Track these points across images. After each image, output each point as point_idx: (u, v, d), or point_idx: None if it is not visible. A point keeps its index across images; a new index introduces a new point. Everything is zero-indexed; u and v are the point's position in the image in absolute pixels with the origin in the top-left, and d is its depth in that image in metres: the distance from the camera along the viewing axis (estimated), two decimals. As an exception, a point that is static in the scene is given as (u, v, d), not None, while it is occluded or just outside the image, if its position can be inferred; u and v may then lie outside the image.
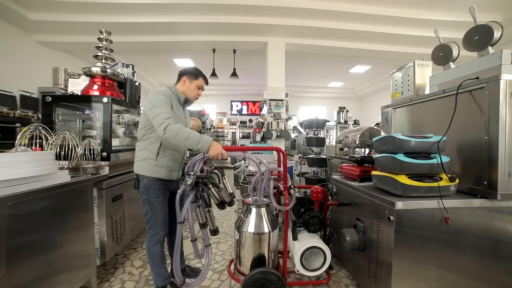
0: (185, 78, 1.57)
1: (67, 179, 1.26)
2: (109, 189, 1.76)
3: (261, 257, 1.47)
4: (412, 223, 1.25)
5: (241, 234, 1.48)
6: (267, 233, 1.46)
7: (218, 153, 1.31)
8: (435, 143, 1.33)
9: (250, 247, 1.46)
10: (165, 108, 1.36)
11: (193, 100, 1.64)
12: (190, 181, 1.24)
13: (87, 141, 1.61)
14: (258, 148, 1.96)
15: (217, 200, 1.32)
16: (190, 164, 1.32)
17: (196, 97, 1.63)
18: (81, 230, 1.42)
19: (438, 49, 1.73)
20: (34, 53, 4.54)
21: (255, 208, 1.51)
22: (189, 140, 1.29)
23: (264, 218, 1.50)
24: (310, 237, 1.63)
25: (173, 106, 1.47)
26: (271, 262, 1.50)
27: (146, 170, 1.43)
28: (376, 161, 1.60)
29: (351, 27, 4.29)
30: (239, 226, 1.52)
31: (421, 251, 1.25)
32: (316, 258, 1.57)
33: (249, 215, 1.51)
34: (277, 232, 1.56)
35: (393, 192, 1.39)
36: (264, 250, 1.47)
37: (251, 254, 1.46)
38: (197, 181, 1.27)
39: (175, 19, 4.14)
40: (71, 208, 1.34)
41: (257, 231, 1.46)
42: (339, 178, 2.05)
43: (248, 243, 1.46)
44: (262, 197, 1.61)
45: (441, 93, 1.58)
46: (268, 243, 1.47)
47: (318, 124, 2.43)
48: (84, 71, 1.79)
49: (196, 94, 1.61)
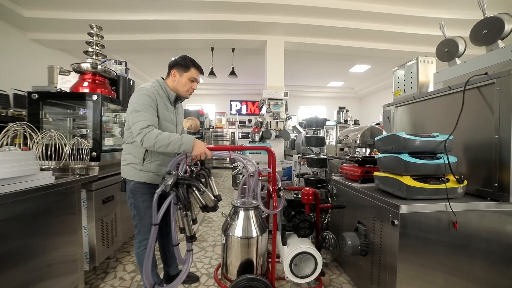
0: (174, 71, 1.36)
1: (50, 181, 1.18)
2: (99, 190, 1.68)
3: (249, 262, 1.38)
4: (417, 227, 1.18)
5: (227, 238, 1.39)
6: (255, 237, 1.37)
7: (201, 152, 1.22)
8: (442, 142, 1.25)
9: (237, 252, 1.37)
10: (144, 115, 1.22)
11: (187, 95, 1.43)
12: (170, 181, 1.15)
13: (75, 140, 1.53)
14: (245, 148, 1.85)
15: (200, 203, 1.23)
16: (172, 163, 1.23)
17: (190, 92, 1.41)
18: (67, 234, 1.34)
19: (443, 44, 1.66)
20: (29, 52, 4.46)
21: (242, 211, 1.42)
22: (170, 145, 1.18)
23: (252, 222, 1.41)
24: (300, 242, 1.52)
25: (158, 106, 1.31)
26: (259, 267, 1.41)
27: (132, 174, 1.32)
28: (379, 161, 1.53)
29: (351, 25, 4.23)
30: (226, 229, 1.43)
31: (427, 257, 1.18)
32: (306, 264, 1.48)
33: (237, 218, 1.42)
34: (266, 236, 1.47)
35: (397, 194, 1.32)
36: (252, 255, 1.38)
37: (238, 259, 1.37)
38: (177, 182, 1.18)
39: (172, 17, 4.07)
40: (56, 211, 1.26)
41: (245, 235, 1.36)
42: (340, 179, 1.97)
43: (235, 247, 1.37)
44: (250, 199, 1.52)
45: (446, 90, 1.50)
46: (256, 248, 1.38)
47: (317, 123, 2.35)
48: (73, 67, 1.72)
49: (188, 89, 1.39)
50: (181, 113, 1.58)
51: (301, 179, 2.77)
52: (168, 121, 1.39)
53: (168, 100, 1.40)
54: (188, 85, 1.39)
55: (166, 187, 1.15)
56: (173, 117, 1.43)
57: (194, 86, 1.41)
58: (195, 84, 1.42)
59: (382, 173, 1.47)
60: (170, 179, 1.16)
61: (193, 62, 1.39)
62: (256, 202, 1.47)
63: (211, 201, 1.25)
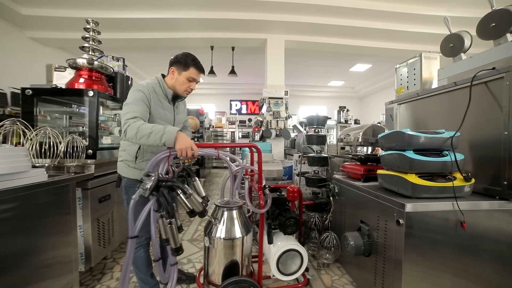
0: (173, 69, 1.32)
1: (42, 178, 1.14)
2: (95, 189, 1.64)
3: (234, 264, 1.30)
4: (423, 227, 1.13)
5: (211, 240, 1.29)
6: (240, 238, 1.29)
7: (186, 147, 1.06)
8: (449, 139, 1.21)
9: (221, 254, 1.28)
10: (133, 107, 1.18)
11: (184, 95, 1.38)
12: (149, 185, 0.97)
13: (71, 138, 1.49)
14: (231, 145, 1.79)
15: (187, 208, 1.07)
16: (151, 163, 1.05)
17: (187, 92, 1.36)
18: (61, 234, 1.30)
19: (448, 40, 1.62)
20: (27, 50, 4.42)
21: (226, 211, 1.33)
22: (151, 136, 1.07)
23: (237, 222, 1.32)
24: (286, 239, 1.53)
25: (152, 103, 1.26)
26: (244, 269, 1.34)
27: (125, 171, 1.31)
28: (382, 159, 1.49)
29: (352, 23, 4.19)
30: (209, 231, 1.31)
31: (434, 258, 1.14)
32: (293, 261, 1.49)
33: (220, 218, 1.32)
34: (251, 237, 1.40)
35: (401, 192, 1.28)
36: (237, 257, 1.30)
37: (222, 262, 1.28)
38: (158, 185, 1.00)
39: (172, 15, 4.03)
40: (49, 210, 1.22)
41: (229, 236, 1.27)
42: (342, 178, 1.93)
43: (219, 250, 1.28)
44: (234, 199, 1.44)
45: (452, 85, 1.46)
46: (242, 249, 1.31)
47: (319, 121, 2.31)
48: (69, 63, 1.67)
49: (186, 88, 1.34)
50: (182, 111, 1.51)
51: (302, 178, 2.73)
52: (163, 119, 1.34)
53: (165, 97, 1.35)
54: (186, 84, 1.33)
55: (145, 191, 0.97)
56: (169, 115, 1.38)
57: (192, 86, 1.36)
58: (194, 84, 1.36)
59: (386, 171, 1.43)
60: (149, 182, 0.98)
61: (194, 61, 1.32)
62: (240, 202, 1.39)
63: (199, 205, 1.10)
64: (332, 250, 1.93)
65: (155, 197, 1.02)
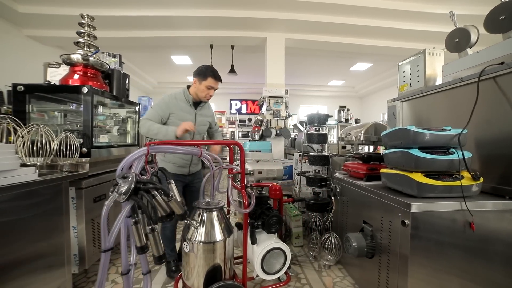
0: (195, 80, 1.65)
1: (32, 177, 1.09)
2: (89, 188, 1.59)
3: (216, 268, 1.22)
4: (430, 228, 1.09)
5: (189, 245, 1.19)
6: (221, 241, 1.21)
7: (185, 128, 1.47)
8: (456, 136, 1.17)
9: (202, 260, 1.18)
10: (149, 111, 1.61)
11: (205, 100, 1.69)
12: (125, 188, 0.84)
13: (64, 135, 1.44)
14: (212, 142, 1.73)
15: (164, 212, 0.95)
16: (125, 162, 0.92)
17: (207, 98, 1.68)
18: (53, 236, 1.25)
19: (453, 34, 1.57)
20: (25, 49, 4.38)
21: (206, 213, 1.23)
22: (158, 135, 1.50)
23: (217, 224, 1.23)
24: (268, 238, 1.50)
25: (173, 108, 1.62)
26: (227, 272, 1.27)
27: (161, 164, 1.61)
28: (386, 157, 1.44)
29: (353, 21, 4.14)
30: (187, 235, 1.20)
31: (441, 260, 1.09)
32: (277, 260, 1.47)
33: (199, 221, 1.22)
34: (233, 238, 1.34)
35: (406, 192, 1.23)
36: (220, 260, 1.22)
37: (204, 267, 1.19)
38: (137, 188, 0.88)
39: (170, 13, 3.99)
40: (39, 211, 1.17)
41: (210, 240, 1.18)
42: (343, 177, 1.88)
43: (199, 255, 1.18)
44: (214, 199, 1.36)
45: (458, 81, 1.41)
46: (224, 252, 1.23)
47: (320, 119, 2.26)
48: (63, 58, 1.63)
49: (206, 95, 1.66)
50: (205, 114, 1.80)
51: (302, 178, 2.68)
52: (182, 120, 1.62)
53: (187, 102, 1.68)
54: (205, 92, 1.65)
55: (121, 196, 0.83)
56: (189, 117, 1.68)
57: (211, 92, 1.67)
58: (212, 91, 1.67)
59: (389, 170, 1.38)
60: (125, 185, 0.84)
61: (213, 73, 1.63)
62: (220, 202, 1.31)
63: (179, 208, 0.99)
64: (333, 251, 1.88)
65: (132, 202, 0.87)
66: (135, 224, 0.88)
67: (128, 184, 0.85)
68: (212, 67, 1.65)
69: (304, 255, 2.08)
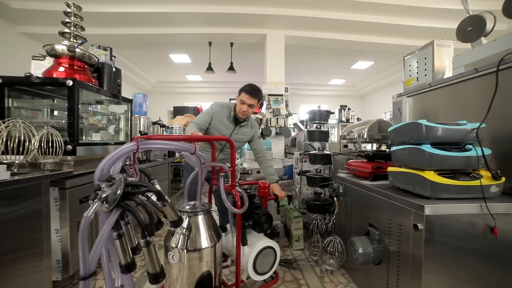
0: (237, 96, 1.73)
1: (3, 177, 0.99)
2: (75, 188, 1.48)
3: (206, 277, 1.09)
4: (446, 233, 0.98)
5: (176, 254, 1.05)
6: (210, 247, 1.08)
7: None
8: (473, 131, 1.06)
9: (190, 269, 1.04)
10: (200, 115, 1.73)
11: (239, 115, 1.72)
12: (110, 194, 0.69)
13: (45, 131, 1.33)
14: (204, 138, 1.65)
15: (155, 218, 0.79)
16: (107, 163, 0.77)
17: (241, 112, 1.69)
18: (29, 242, 1.14)
19: (466, 23, 1.46)
20: (19, 46, 4.28)
21: (192, 217, 1.09)
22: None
23: (205, 229, 1.10)
24: (257, 237, 1.43)
25: (214, 118, 1.70)
26: (217, 278, 1.15)
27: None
28: (393, 155, 1.33)
29: (354, 17, 4.04)
30: (172, 243, 1.06)
31: (460, 268, 0.98)
32: (267, 259, 1.41)
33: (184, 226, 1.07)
34: (222, 243, 1.22)
35: (417, 192, 1.12)
36: (209, 268, 1.08)
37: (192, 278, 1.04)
38: (126, 193, 0.72)
39: (168, 9, 3.89)
40: (12, 215, 1.05)
41: (200, 246, 1.05)
42: (346, 176, 1.77)
43: (188, 264, 1.04)
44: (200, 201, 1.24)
45: (471, 72, 1.31)
46: (215, 258, 1.11)
47: (321, 115, 2.15)
48: (47, 49, 1.52)
49: (239, 109, 1.70)
50: (242, 133, 1.79)
51: (303, 178, 2.57)
52: (218, 132, 1.71)
53: (229, 117, 1.74)
54: (239, 106, 1.70)
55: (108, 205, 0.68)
56: (226, 132, 1.72)
57: (244, 107, 1.68)
58: (245, 106, 1.68)
59: (398, 168, 1.27)
60: (110, 189, 0.69)
61: (245, 87, 1.71)
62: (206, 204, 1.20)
63: (174, 214, 0.85)
64: (336, 256, 1.77)
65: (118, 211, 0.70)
66: (119, 238, 0.73)
67: (115, 189, 0.68)
68: (250, 84, 1.73)
69: (305, 259, 1.97)
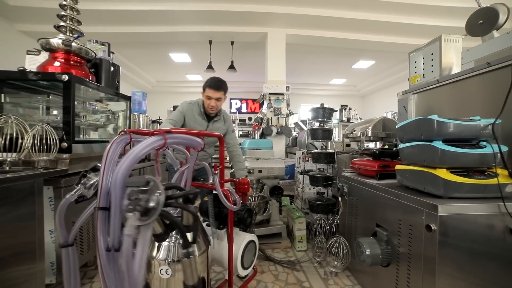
0: (202, 91, 1.68)
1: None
2: (70, 187, 1.42)
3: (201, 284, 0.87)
4: (462, 235, 0.92)
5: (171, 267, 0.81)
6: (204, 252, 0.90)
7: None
8: (488, 127, 1.00)
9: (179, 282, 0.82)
10: (174, 113, 1.70)
11: (210, 111, 1.69)
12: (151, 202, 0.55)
13: (39, 128, 1.28)
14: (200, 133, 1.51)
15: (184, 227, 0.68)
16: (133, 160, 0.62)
17: (210, 108, 1.66)
18: (23, 243, 1.09)
19: (476, 16, 1.41)
20: (17, 44, 4.21)
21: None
22: None
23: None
24: (236, 233, 1.39)
25: (187, 117, 1.67)
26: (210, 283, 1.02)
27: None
28: (401, 152, 1.28)
29: (356, 15, 3.99)
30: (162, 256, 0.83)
31: (477, 274, 0.92)
32: (250, 253, 1.39)
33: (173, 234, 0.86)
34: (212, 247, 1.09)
35: (428, 191, 1.07)
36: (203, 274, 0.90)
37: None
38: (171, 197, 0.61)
39: (168, 7, 3.84)
40: (5, 214, 1.00)
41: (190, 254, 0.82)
42: (351, 176, 1.72)
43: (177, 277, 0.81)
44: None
45: (483, 67, 1.25)
46: (207, 261, 0.95)
47: (325, 113, 2.10)
48: (41, 43, 1.47)
49: (207, 105, 1.66)
50: (217, 128, 1.77)
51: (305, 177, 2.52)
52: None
53: (200, 114, 1.71)
54: (207, 102, 1.66)
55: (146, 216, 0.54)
56: (200, 129, 1.69)
57: (211, 103, 1.64)
58: (213, 101, 1.64)
59: (407, 166, 1.22)
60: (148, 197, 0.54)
61: (207, 83, 1.65)
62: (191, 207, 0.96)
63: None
64: (341, 257, 1.71)
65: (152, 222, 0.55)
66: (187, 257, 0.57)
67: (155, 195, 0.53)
68: (212, 77, 1.67)
69: (309, 261, 1.92)
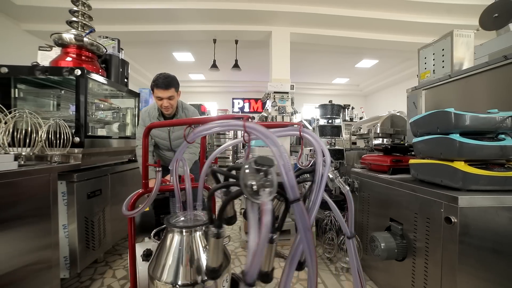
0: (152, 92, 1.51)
1: (9, 167, 0.93)
2: (82, 182, 1.43)
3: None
4: (484, 228, 0.91)
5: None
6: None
7: None
8: (507, 119, 1.00)
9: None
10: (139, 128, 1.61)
11: (165, 112, 1.53)
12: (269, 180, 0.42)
13: (53, 122, 1.28)
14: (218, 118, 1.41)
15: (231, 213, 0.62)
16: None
17: (164, 108, 1.50)
18: (36, 237, 1.09)
19: (491, 9, 1.40)
20: (23, 43, 4.24)
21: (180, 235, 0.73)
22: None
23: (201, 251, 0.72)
24: None
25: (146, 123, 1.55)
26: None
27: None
28: (415, 146, 1.27)
29: (360, 13, 3.99)
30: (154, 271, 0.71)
31: (501, 271, 0.91)
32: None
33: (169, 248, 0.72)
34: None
35: (446, 184, 1.06)
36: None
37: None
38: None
39: (172, 5, 3.85)
40: (19, 208, 1.00)
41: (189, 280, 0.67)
42: (362, 171, 1.71)
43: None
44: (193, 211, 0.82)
45: (499, 60, 1.24)
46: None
47: (333, 110, 2.09)
48: (54, 38, 1.47)
49: (161, 106, 1.50)
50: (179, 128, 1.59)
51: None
52: (159, 137, 1.59)
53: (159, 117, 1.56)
54: (159, 103, 1.49)
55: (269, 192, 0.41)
56: (163, 134, 1.59)
57: (164, 103, 1.46)
58: (165, 101, 1.46)
59: (421, 160, 1.21)
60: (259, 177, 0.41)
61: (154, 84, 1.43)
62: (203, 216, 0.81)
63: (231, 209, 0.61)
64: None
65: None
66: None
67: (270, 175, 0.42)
68: (158, 75, 1.44)
69: (319, 257, 1.91)
